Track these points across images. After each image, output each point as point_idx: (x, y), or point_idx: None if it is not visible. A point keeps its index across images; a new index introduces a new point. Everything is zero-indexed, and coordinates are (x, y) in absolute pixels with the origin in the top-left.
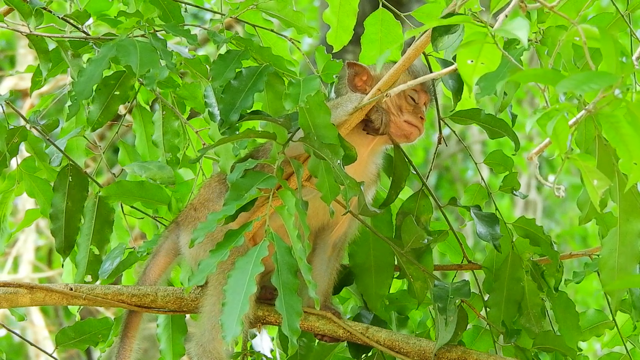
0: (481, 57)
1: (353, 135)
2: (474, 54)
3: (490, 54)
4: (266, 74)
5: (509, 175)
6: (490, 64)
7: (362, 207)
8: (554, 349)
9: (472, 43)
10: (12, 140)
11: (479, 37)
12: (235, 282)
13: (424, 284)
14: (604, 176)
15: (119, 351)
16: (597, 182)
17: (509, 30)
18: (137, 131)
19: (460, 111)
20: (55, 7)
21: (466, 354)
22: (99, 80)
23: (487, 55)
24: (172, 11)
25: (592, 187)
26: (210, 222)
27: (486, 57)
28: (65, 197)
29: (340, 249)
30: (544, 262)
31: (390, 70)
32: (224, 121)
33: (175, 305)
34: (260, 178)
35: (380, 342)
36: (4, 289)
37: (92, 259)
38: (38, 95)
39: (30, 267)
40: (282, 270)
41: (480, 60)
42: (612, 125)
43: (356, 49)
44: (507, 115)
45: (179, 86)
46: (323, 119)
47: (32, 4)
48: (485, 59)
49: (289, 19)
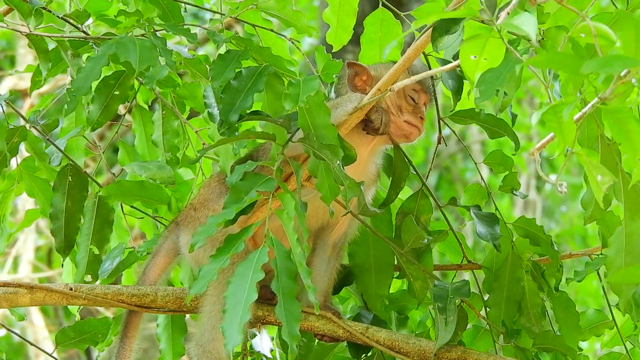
0: (484, 53)
1: (353, 135)
2: (478, 49)
3: (494, 49)
4: (266, 74)
5: (508, 175)
6: (493, 60)
7: (362, 207)
8: (554, 349)
9: (477, 38)
10: (12, 140)
11: (484, 32)
12: (235, 289)
13: (423, 284)
14: (608, 172)
15: (119, 351)
16: (601, 178)
17: (516, 25)
18: (137, 131)
19: (460, 111)
20: (54, 7)
21: (466, 354)
22: (98, 77)
23: (491, 51)
24: (172, 11)
25: (596, 183)
26: (210, 226)
27: (490, 53)
28: (65, 196)
29: (340, 249)
30: (544, 262)
31: (390, 70)
32: (223, 121)
33: (175, 305)
34: (259, 180)
35: (380, 342)
36: (4, 289)
37: (91, 259)
38: (38, 95)
39: (30, 267)
40: (282, 276)
41: (483, 56)
42: (617, 120)
43: (356, 49)
44: (507, 115)
45: (178, 86)
46: (323, 119)
47: (32, 4)
48: (489, 55)
49: (289, 19)
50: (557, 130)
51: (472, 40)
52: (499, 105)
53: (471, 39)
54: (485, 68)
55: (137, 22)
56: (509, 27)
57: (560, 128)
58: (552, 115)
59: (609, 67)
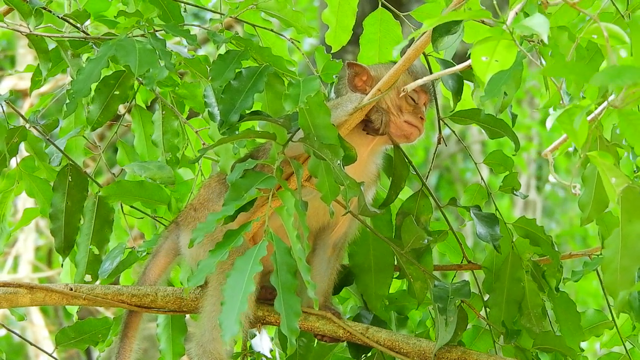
0: (496, 55)
1: (353, 136)
2: (489, 51)
3: (505, 51)
4: (266, 75)
5: (509, 175)
6: (504, 62)
7: (362, 208)
8: (554, 349)
9: (488, 40)
10: (11, 140)
11: (496, 34)
12: (233, 281)
13: (423, 284)
14: (622, 173)
15: (119, 351)
16: (615, 180)
17: (529, 26)
18: (136, 131)
19: (460, 111)
20: (54, 7)
21: (466, 354)
22: (98, 79)
23: (502, 53)
24: (172, 11)
25: (610, 186)
26: (210, 223)
27: (501, 54)
28: (65, 196)
29: (340, 249)
30: (544, 262)
31: (390, 70)
32: (223, 122)
33: (175, 305)
34: (259, 178)
35: (380, 342)
36: (4, 289)
37: (91, 259)
38: (38, 95)
39: (30, 267)
40: (281, 271)
41: (494, 58)
42: (631, 122)
43: (356, 49)
44: (507, 115)
45: (178, 86)
46: (323, 120)
47: (32, 4)
48: (500, 56)
49: (289, 19)
50: (571, 133)
51: (484, 42)
52: (499, 105)
53: (483, 41)
54: (497, 70)
55: (137, 22)
56: (520, 28)
57: (574, 131)
58: (567, 118)
59: (619, 79)
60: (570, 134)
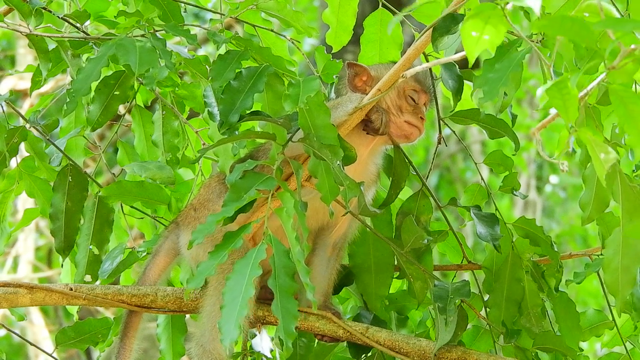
0: (486, 31)
1: (353, 136)
2: (479, 26)
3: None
4: (266, 75)
5: (509, 175)
6: (494, 38)
7: (362, 208)
8: (554, 349)
9: (479, 14)
10: (12, 140)
11: (486, 9)
12: (233, 285)
13: (424, 284)
14: (612, 150)
15: (119, 351)
16: (604, 156)
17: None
18: (136, 131)
19: (460, 111)
20: (54, 7)
21: (466, 354)
22: (98, 78)
23: (492, 29)
24: (172, 11)
25: (599, 161)
26: (209, 224)
27: (491, 31)
28: (65, 197)
29: (340, 249)
30: (544, 262)
31: (390, 70)
32: (223, 122)
33: (175, 305)
34: (259, 179)
35: (380, 342)
36: (4, 289)
37: (91, 259)
38: (38, 95)
39: (29, 267)
40: (279, 273)
41: (484, 34)
42: (622, 100)
43: (356, 49)
44: (507, 115)
45: (178, 86)
46: (323, 120)
47: (32, 4)
48: (490, 33)
49: (289, 19)
50: (561, 108)
51: (474, 16)
52: (499, 105)
53: (473, 16)
54: (486, 46)
55: (137, 22)
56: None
57: (565, 105)
58: (556, 91)
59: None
60: (561, 109)
